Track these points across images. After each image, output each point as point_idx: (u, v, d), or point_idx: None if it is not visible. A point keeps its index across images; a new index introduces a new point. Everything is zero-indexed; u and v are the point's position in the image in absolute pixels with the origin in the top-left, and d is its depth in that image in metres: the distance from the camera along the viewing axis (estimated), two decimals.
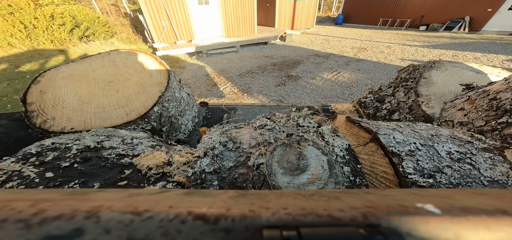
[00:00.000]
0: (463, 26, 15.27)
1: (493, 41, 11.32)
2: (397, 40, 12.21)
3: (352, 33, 15.67)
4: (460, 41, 11.64)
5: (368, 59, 7.94)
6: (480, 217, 0.24)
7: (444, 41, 11.67)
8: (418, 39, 12.45)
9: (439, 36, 13.28)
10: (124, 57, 1.58)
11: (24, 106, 1.15)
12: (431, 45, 10.19)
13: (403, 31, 16.51)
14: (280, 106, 2.06)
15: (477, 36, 13.38)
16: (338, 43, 11.11)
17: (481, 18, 14.80)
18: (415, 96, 1.39)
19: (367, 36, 13.64)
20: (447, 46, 9.92)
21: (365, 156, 0.83)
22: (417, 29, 17.23)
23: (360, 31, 16.94)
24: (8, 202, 0.25)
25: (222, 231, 0.22)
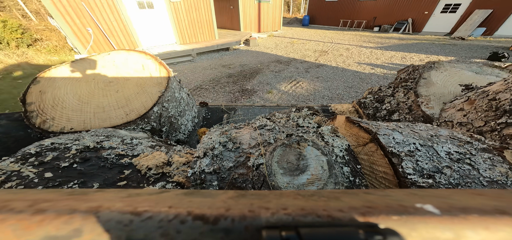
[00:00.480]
0: (407, 27, 16.96)
1: (433, 42, 12.27)
2: (355, 41, 12.68)
3: (317, 34, 15.78)
4: (406, 42, 12.52)
5: (328, 64, 8.03)
6: (479, 217, 0.24)
7: (394, 42, 12.40)
8: (372, 40, 13.14)
9: (390, 37, 14.41)
10: (124, 58, 1.58)
11: (23, 107, 1.15)
12: (383, 47, 10.72)
13: (360, 32, 17.51)
14: (280, 107, 2.06)
15: (419, 37, 14.86)
16: (302, 46, 11.12)
17: (420, 20, 16.63)
18: (414, 97, 1.39)
19: (330, 38, 13.94)
20: (396, 48, 10.53)
21: (364, 156, 0.83)
22: (372, 30, 18.54)
23: (324, 32, 17.23)
24: (7, 202, 0.25)
25: (221, 231, 0.22)
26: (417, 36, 14.89)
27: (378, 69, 7.14)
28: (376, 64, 7.60)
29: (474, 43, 12.06)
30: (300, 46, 11.17)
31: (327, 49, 10.18)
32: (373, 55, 8.92)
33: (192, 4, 10.03)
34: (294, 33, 16.48)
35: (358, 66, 7.58)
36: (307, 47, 11.01)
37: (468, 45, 11.46)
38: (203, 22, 10.88)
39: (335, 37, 14.39)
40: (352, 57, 8.60)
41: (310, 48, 10.78)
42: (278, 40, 13.24)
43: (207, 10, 10.68)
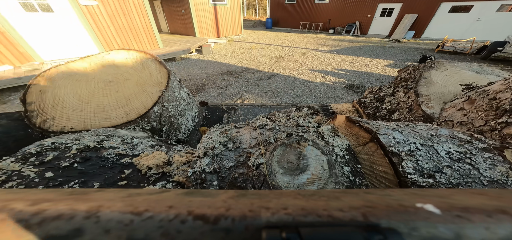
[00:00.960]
0: (356, 30, 18.02)
1: (376, 45, 13.01)
2: (312, 44, 12.82)
3: (277, 38, 15.52)
4: (355, 45, 12.96)
5: (281, 74, 7.68)
6: (479, 217, 0.24)
7: (345, 45, 12.77)
8: (327, 43, 13.48)
9: (342, 39, 15.05)
10: (123, 57, 1.57)
11: (23, 106, 1.15)
12: (335, 50, 10.96)
13: (318, 34, 18.03)
14: (280, 106, 2.06)
15: (365, 39, 15.79)
16: (259, 52, 10.75)
17: (366, 23, 17.90)
18: (415, 96, 1.39)
19: (289, 41, 13.87)
20: (346, 51, 10.82)
21: (365, 156, 0.83)
22: (328, 32, 19.46)
23: (284, 35, 17.05)
24: (7, 202, 0.25)
25: (222, 231, 0.22)
26: (364, 39, 15.75)
27: (328, 77, 7.10)
28: (327, 71, 7.63)
29: (408, 45, 13.19)
30: (258, 52, 10.76)
31: (284, 55, 10.06)
32: (326, 60, 9.00)
33: (117, 8, 8.05)
34: (256, 37, 15.86)
35: (310, 74, 7.44)
36: (264, 53, 10.61)
37: (403, 47, 12.49)
38: (138, 28, 8.92)
39: (295, 40, 14.41)
40: (306, 63, 8.59)
41: (267, 54, 10.42)
42: (236, 46, 12.46)
43: (142, 15, 8.76)
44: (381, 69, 7.51)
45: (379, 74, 7.00)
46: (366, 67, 7.83)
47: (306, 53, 10.38)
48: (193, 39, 12.32)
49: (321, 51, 10.73)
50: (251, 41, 13.68)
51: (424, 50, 11.21)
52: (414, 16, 15.23)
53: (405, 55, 9.90)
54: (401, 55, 9.89)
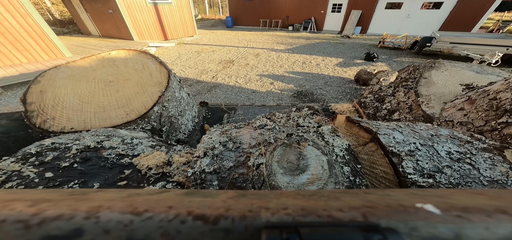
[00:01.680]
0: (312, 26, 18.07)
1: (329, 41, 12.90)
2: (269, 43, 12.36)
3: (235, 37, 14.50)
4: (311, 42, 12.67)
5: (225, 83, 6.49)
6: (479, 217, 0.24)
7: (301, 42, 12.42)
8: (285, 41, 12.98)
9: (299, 37, 14.65)
10: (124, 57, 1.58)
11: (24, 106, 1.15)
12: (291, 49, 10.60)
13: (277, 32, 17.53)
14: (280, 107, 2.06)
15: (321, 35, 15.67)
16: (208, 56, 9.49)
17: (320, 19, 17.88)
18: (415, 96, 1.39)
19: (247, 41, 13.09)
20: (301, 50, 10.53)
21: (365, 156, 0.83)
22: (287, 29, 19.09)
23: (244, 34, 16.19)
24: (7, 202, 0.25)
25: (222, 231, 0.22)
26: (319, 35, 15.76)
27: (277, 83, 6.33)
28: (277, 75, 6.96)
29: (356, 41, 13.27)
30: (206, 57, 9.44)
31: (235, 58, 9.06)
32: (279, 61, 8.55)
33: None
34: (212, 38, 14.44)
35: (258, 82, 6.48)
36: (214, 57, 9.47)
37: (352, 43, 12.42)
38: (17, 33, 6.23)
39: (253, 39, 13.61)
40: (257, 66, 7.87)
41: (216, 58, 9.26)
42: (185, 49, 10.92)
43: (21, 15, 6.13)
44: (331, 69, 7.39)
45: (329, 76, 6.76)
46: (318, 68, 7.65)
47: (260, 54, 9.72)
48: (128, 43, 10.05)
49: (277, 51, 10.29)
50: (205, 43, 12.36)
51: (369, 46, 11.30)
52: (359, 12, 15.65)
53: (353, 52, 9.91)
54: (350, 52, 9.91)
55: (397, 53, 9.73)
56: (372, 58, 8.19)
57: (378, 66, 7.55)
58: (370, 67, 7.41)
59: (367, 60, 8.31)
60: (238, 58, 9.14)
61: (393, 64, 7.98)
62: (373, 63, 7.95)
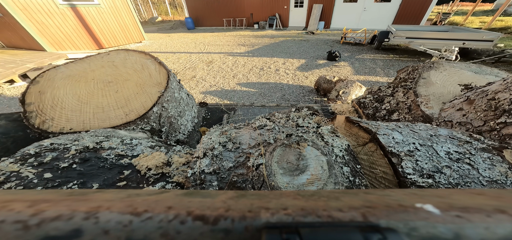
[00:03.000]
0: (277, 23, 17.25)
1: (294, 39, 12.28)
2: (230, 45, 11.35)
3: (193, 41, 12.80)
4: (275, 41, 11.97)
5: None
6: (479, 217, 0.24)
7: (265, 42, 11.73)
8: (247, 41, 12.05)
9: (264, 36, 13.89)
10: (123, 58, 1.57)
11: (22, 107, 1.15)
12: (252, 51, 9.71)
13: (242, 31, 16.58)
14: (280, 107, 2.06)
15: (286, 32, 14.99)
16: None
17: (284, 15, 17.12)
18: (414, 97, 1.39)
19: (206, 44, 11.92)
20: (263, 51, 9.70)
21: (364, 156, 0.83)
22: (253, 28, 18.17)
23: (204, 36, 14.70)
24: (6, 203, 0.25)
25: (221, 231, 0.22)
26: (285, 32, 15.18)
27: (224, 103, 4.73)
28: (226, 90, 5.75)
29: (320, 37, 12.78)
30: None
31: (182, 69, 7.66)
32: (234, 68, 7.37)
33: None
34: (165, 43, 12.63)
35: (202, 93, 5.57)
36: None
37: (316, 39, 11.95)
38: None
39: (212, 42, 12.35)
40: (205, 79, 6.50)
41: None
42: None
43: None
44: (291, 76, 6.54)
45: (288, 85, 5.82)
46: (276, 75, 6.65)
47: (214, 61, 8.34)
48: (39, 55, 7.59)
49: (235, 55, 9.16)
50: (153, 51, 10.79)
51: (332, 43, 10.94)
52: (320, 6, 15.21)
53: (317, 51, 9.45)
54: (313, 51, 9.40)
55: (358, 50, 9.50)
56: (334, 57, 7.83)
57: (341, 66, 7.25)
58: (331, 71, 6.89)
59: (330, 60, 7.91)
60: (185, 69, 7.62)
61: (355, 63, 7.63)
62: (335, 63, 7.62)
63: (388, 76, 6.39)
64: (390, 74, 6.52)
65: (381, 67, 7.17)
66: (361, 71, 6.84)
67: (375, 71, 6.75)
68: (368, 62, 7.69)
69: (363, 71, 6.77)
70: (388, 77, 6.21)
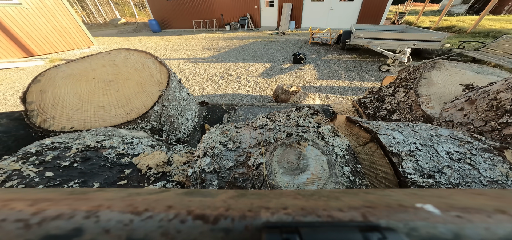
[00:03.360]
0: (249, 24, 16.76)
1: (264, 40, 11.87)
2: (195, 49, 10.62)
3: (154, 46, 11.75)
4: (245, 42, 11.40)
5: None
6: (479, 217, 0.24)
7: (234, 44, 11.11)
8: (215, 44, 11.41)
9: (234, 37, 13.32)
10: (124, 57, 1.57)
11: (24, 106, 1.15)
12: (217, 56, 8.94)
13: (212, 33, 15.70)
14: (280, 106, 2.06)
15: (258, 33, 14.52)
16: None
17: (256, 15, 16.61)
18: (415, 97, 1.39)
19: (169, 48, 10.98)
20: (229, 55, 9.02)
21: (364, 156, 0.83)
22: (224, 29, 17.41)
23: (170, 39, 13.65)
24: (7, 202, 0.25)
25: (221, 231, 0.22)
26: (256, 33, 14.65)
27: None
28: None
29: (291, 37, 12.40)
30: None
31: None
32: (191, 77, 6.76)
33: None
34: (122, 47, 10.28)
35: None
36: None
37: (286, 40, 11.62)
38: None
39: (176, 46, 11.47)
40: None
41: None
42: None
43: None
44: (253, 84, 5.90)
45: (247, 96, 5.28)
46: (237, 84, 6.01)
47: (171, 69, 7.18)
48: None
49: (196, 61, 8.47)
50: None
51: (301, 43, 10.65)
52: (290, 6, 14.91)
53: (285, 52, 9.14)
54: (281, 53, 9.06)
55: (325, 50, 9.34)
56: (299, 60, 7.52)
57: (305, 70, 6.93)
58: (296, 75, 6.54)
59: (295, 63, 7.62)
60: None
61: (320, 65, 7.37)
62: (301, 66, 7.33)
63: (350, 79, 6.19)
64: (352, 78, 6.32)
65: (344, 69, 7.03)
66: (324, 74, 6.59)
67: (338, 75, 6.55)
68: (332, 64, 7.50)
69: (327, 75, 6.53)
70: (349, 81, 6.07)
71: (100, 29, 20.70)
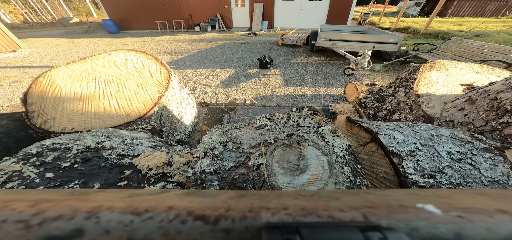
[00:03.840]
0: (220, 24, 15.66)
1: (233, 42, 11.10)
2: (153, 54, 7.53)
3: (108, 48, 10.22)
4: (212, 45, 10.51)
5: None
6: (480, 217, 0.24)
7: (200, 47, 10.24)
8: (179, 47, 10.51)
9: (203, 39, 12.30)
10: (124, 58, 1.58)
11: (24, 107, 1.15)
12: (176, 61, 8.05)
13: (178, 35, 14.26)
14: (281, 107, 2.06)
15: (229, 34, 13.58)
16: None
17: (227, 15, 15.55)
18: (415, 97, 1.39)
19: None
20: (191, 60, 8.14)
21: (365, 156, 0.82)
22: (193, 30, 16.05)
23: (127, 42, 12.34)
24: (8, 203, 0.25)
25: (222, 231, 0.22)
26: (227, 34, 13.62)
27: None
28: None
29: (262, 38, 11.72)
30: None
31: None
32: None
33: None
34: (60, 51, 9.70)
35: None
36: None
37: (257, 41, 10.92)
38: None
39: (133, 48, 8.06)
40: None
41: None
42: None
43: None
44: (210, 95, 5.21)
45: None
46: (192, 95, 4.62)
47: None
48: None
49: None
50: (30, 64, 7.59)
51: (272, 44, 10.06)
52: (261, 5, 14.18)
53: (253, 55, 8.35)
54: (248, 56, 8.27)
55: (295, 52, 8.80)
56: (265, 64, 6.78)
57: (271, 76, 6.27)
58: (260, 82, 5.89)
59: (261, 67, 6.88)
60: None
61: (288, 69, 6.74)
62: (266, 71, 6.64)
63: (315, 86, 5.57)
64: (317, 83, 5.70)
65: (311, 73, 6.51)
66: (290, 80, 6.00)
67: (303, 80, 5.99)
68: (299, 68, 6.93)
69: (292, 81, 5.94)
70: (315, 88, 5.45)
71: (43, 29, 18.07)
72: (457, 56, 5.97)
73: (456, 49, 6.25)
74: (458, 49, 6.19)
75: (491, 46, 5.60)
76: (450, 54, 6.22)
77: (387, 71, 6.55)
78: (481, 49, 5.65)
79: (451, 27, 13.11)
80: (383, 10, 16.58)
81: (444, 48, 6.56)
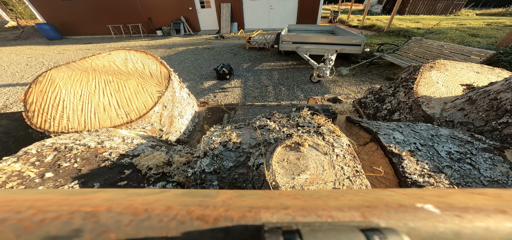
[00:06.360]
0: (185, 28, 14.44)
1: (196, 47, 10.13)
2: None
3: (35, 57, 8.97)
4: (172, 51, 9.41)
5: None
6: (479, 217, 0.24)
7: (157, 54, 8.57)
8: None
9: (161, 45, 11.08)
10: (124, 57, 1.58)
11: (24, 106, 1.15)
12: None
13: (138, 40, 12.83)
14: (280, 106, 2.06)
15: (195, 39, 12.48)
16: None
17: (192, 18, 14.32)
18: (415, 97, 1.39)
19: (56, 61, 8.47)
20: None
21: (365, 156, 0.83)
22: (155, 35, 14.44)
23: (66, 49, 10.77)
24: (7, 202, 0.25)
25: (221, 231, 0.22)
26: (193, 39, 12.43)
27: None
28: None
29: (230, 42, 10.81)
30: None
31: None
32: None
33: None
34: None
35: None
36: None
37: (223, 46, 10.02)
38: None
39: (69, 58, 8.87)
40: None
41: None
42: None
43: None
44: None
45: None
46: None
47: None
48: None
49: None
50: None
51: (239, 48, 9.25)
52: (229, 6, 13.20)
53: (214, 64, 7.46)
54: (208, 65, 7.34)
55: (262, 56, 8.00)
56: (224, 75, 5.95)
57: (229, 89, 5.50)
58: (215, 99, 5.07)
59: (219, 79, 6.04)
60: None
61: (250, 79, 5.93)
62: (225, 83, 5.83)
63: (277, 99, 4.94)
64: (281, 95, 5.07)
65: (275, 83, 5.74)
66: (250, 94, 5.16)
67: (266, 93, 5.25)
68: (264, 77, 6.16)
69: (252, 95, 5.13)
70: (277, 102, 4.74)
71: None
72: (418, 57, 5.95)
73: (417, 50, 6.23)
74: (419, 50, 6.17)
75: (451, 46, 5.58)
76: (412, 55, 6.21)
77: (354, 76, 6.12)
78: (441, 50, 5.62)
79: (410, 24, 13.48)
80: (350, 8, 16.70)
81: (406, 48, 6.55)
